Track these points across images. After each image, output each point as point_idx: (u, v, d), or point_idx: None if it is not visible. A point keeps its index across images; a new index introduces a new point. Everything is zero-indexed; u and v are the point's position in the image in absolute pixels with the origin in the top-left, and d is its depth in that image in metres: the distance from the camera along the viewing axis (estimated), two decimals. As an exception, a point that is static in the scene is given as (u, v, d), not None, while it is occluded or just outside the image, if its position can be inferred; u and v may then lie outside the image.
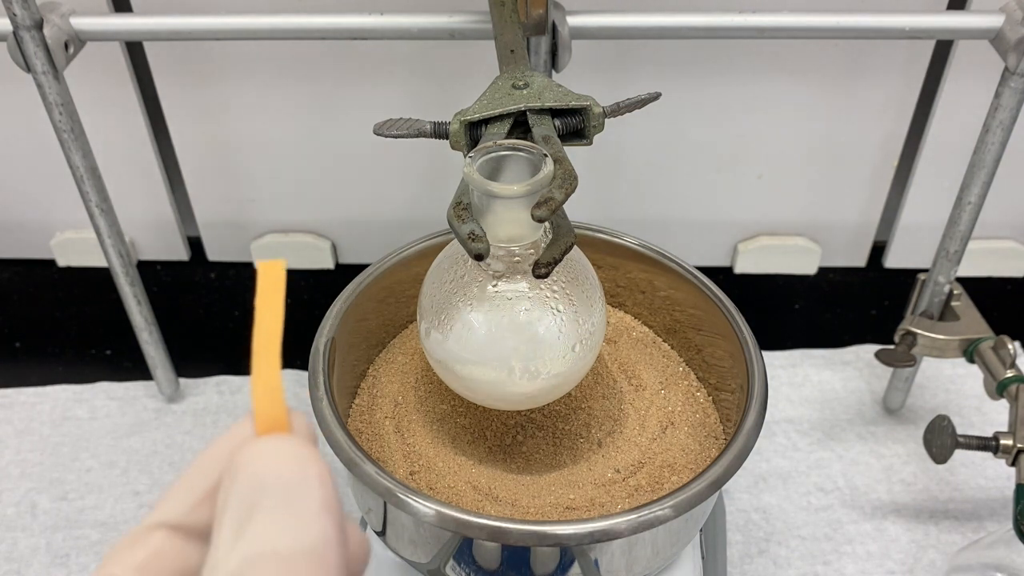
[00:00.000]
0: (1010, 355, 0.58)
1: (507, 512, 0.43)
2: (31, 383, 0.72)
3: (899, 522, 0.63)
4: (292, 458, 0.21)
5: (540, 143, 0.40)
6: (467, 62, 0.68)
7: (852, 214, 0.79)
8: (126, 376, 0.73)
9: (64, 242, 0.82)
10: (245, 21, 0.55)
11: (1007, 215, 0.79)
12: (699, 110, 0.72)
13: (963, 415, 0.70)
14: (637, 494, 0.44)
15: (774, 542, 0.61)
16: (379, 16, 0.54)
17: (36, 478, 0.65)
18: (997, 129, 0.54)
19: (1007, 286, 0.82)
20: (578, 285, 0.42)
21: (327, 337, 0.46)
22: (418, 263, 0.50)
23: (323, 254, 0.82)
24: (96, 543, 0.61)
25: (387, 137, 0.43)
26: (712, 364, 0.50)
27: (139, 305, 0.64)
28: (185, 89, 0.72)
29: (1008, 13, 0.52)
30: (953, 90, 0.70)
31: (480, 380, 0.42)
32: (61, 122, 0.55)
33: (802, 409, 0.71)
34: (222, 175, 0.77)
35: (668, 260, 0.52)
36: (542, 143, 0.40)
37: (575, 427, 0.47)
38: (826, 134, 0.74)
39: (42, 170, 0.77)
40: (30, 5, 0.51)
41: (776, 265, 0.82)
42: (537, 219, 0.36)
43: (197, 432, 0.68)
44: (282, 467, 0.21)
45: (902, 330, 0.62)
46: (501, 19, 0.48)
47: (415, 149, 0.71)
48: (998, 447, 0.54)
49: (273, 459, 0.21)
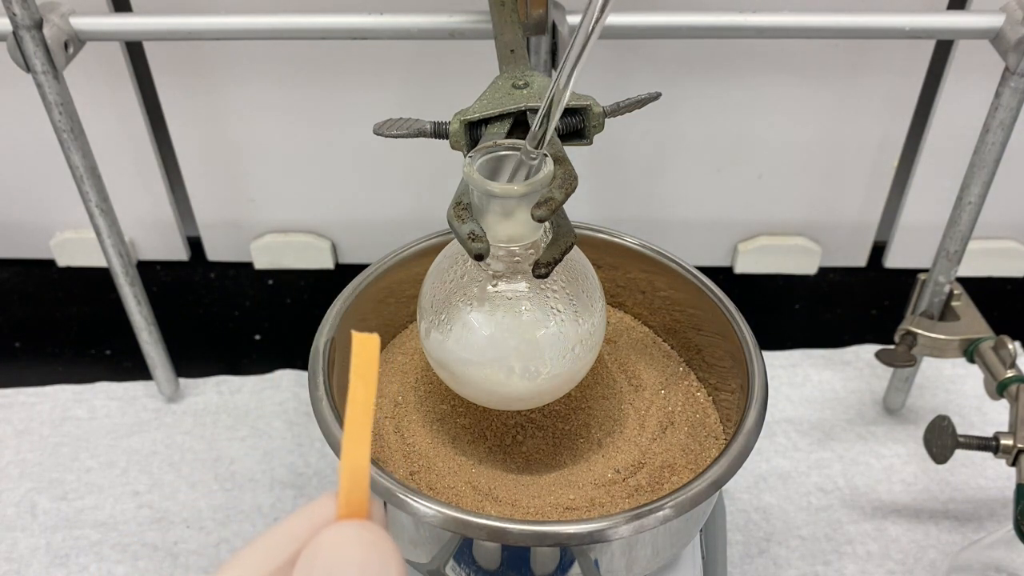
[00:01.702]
0: (1010, 355, 0.58)
1: (507, 512, 0.43)
2: (31, 383, 0.72)
3: (899, 522, 0.63)
4: (375, 550, 0.22)
5: (540, 143, 0.40)
6: (467, 62, 0.68)
7: (852, 214, 0.79)
8: (126, 376, 0.73)
9: (64, 242, 0.82)
10: (245, 21, 0.55)
11: (1007, 215, 0.79)
12: (699, 110, 0.72)
13: (963, 415, 0.70)
14: (637, 494, 0.44)
15: (774, 542, 0.61)
16: (379, 16, 0.54)
17: (36, 478, 0.65)
18: (997, 129, 0.54)
19: (1007, 286, 0.82)
20: (578, 285, 0.42)
21: (327, 337, 0.46)
22: (418, 263, 0.50)
23: (323, 254, 0.82)
24: (96, 543, 0.61)
25: (387, 137, 0.43)
26: (712, 364, 0.50)
27: (139, 305, 0.64)
28: (185, 89, 0.72)
29: (1008, 13, 0.52)
30: (953, 90, 0.70)
31: (480, 380, 0.42)
32: (61, 122, 0.55)
33: (802, 409, 0.71)
34: (222, 175, 0.77)
35: (668, 260, 0.51)
36: (542, 143, 0.40)
37: (575, 427, 0.47)
38: (826, 134, 0.74)
39: (42, 170, 0.77)
40: (30, 5, 0.51)
41: (776, 265, 0.82)
42: (537, 219, 0.36)
43: (197, 432, 0.68)
44: (366, 558, 0.21)
45: (902, 330, 0.62)
46: (501, 19, 0.48)
47: (415, 149, 0.71)
48: (998, 447, 0.54)
49: (357, 548, 0.22)
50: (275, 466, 0.66)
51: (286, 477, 0.65)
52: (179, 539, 0.62)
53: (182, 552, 0.61)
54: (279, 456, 0.67)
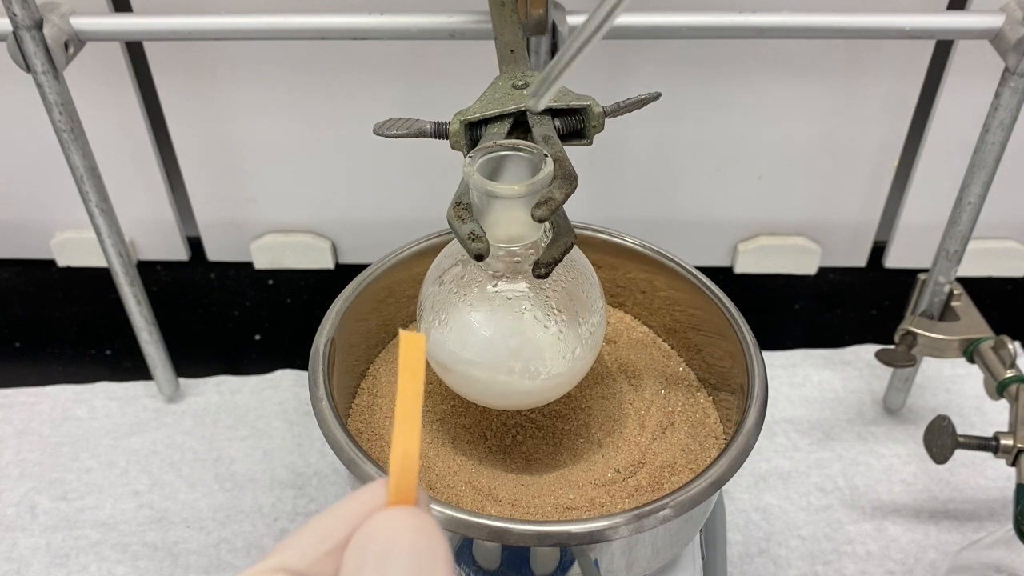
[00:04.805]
0: (1010, 355, 0.58)
1: (507, 512, 0.43)
2: (31, 383, 0.72)
3: (899, 522, 0.63)
4: (425, 535, 0.22)
5: (540, 143, 0.40)
6: (467, 62, 0.68)
7: (852, 214, 0.79)
8: (126, 376, 0.73)
9: (64, 242, 0.82)
10: (245, 21, 0.55)
11: (1007, 215, 0.79)
12: (699, 110, 0.72)
13: (963, 415, 0.70)
14: (637, 494, 0.44)
15: (774, 542, 0.61)
16: (379, 16, 0.54)
17: (36, 478, 0.65)
18: (997, 129, 0.54)
19: (1007, 286, 0.82)
20: (578, 285, 0.42)
21: (327, 337, 0.46)
22: (418, 263, 0.50)
23: (323, 254, 0.82)
24: (96, 543, 0.61)
25: (387, 137, 0.43)
26: (712, 364, 0.50)
27: (139, 305, 0.64)
28: (185, 89, 0.72)
29: (1008, 13, 0.52)
30: (953, 90, 0.70)
31: (480, 380, 0.42)
32: (61, 122, 0.55)
33: (802, 409, 0.71)
34: (222, 175, 0.77)
35: (668, 260, 0.51)
36: (542, 143, 0.40)
37: (575, 427, 0.47)
38: (826, 134, 0.74)
39: (42, 170, 0.77)
40: (30, 5, 0.51)
41: (776, 265, 0.82)
42: (537, 219, 0.36)
43: (197, 432, 0.68)
44: (417, 543, 0.22)
45: (902, 330, 0.62)
46: (501, 19, 0.48)
47: (415, 149, 0.71)
48: (998, 447, 0.54)
49: (409, 533, 0.22)
50: (275, 466, 0.66)
51: (286, 477, 0.65)
52: (179, 539, 0.61)
53: (182, 552, 0.61)
54: (279, 456, 0.67)
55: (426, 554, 0.22)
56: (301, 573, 0.23)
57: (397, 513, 0.23)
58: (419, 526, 0.23)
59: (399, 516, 0.23)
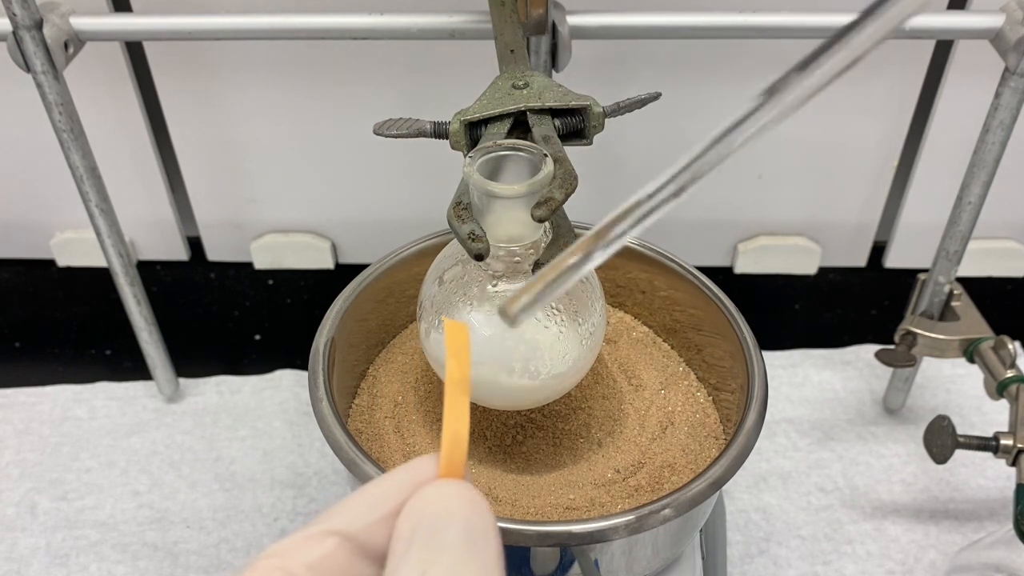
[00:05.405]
0: (1010, 355, 0.58)
1: (507, 512, 0.43)
2: (31, 383, 0.72)
3: (899, 522, 0.63)
4: (476, 508, 0.23)
5: (540, 143, 0.40)
6: (467, 62, 0.68)
7: (852, 214, 0.79)
8: (126, 376, 0.73)
9: (64, 242, 0.82)
10: (245, 21, 0.55)
11: (1007, 215, 0.79)
12: (699, 110, 0.72)
13: (963, 415, 0.70)
14: (637, 494, 0.44)
15: (774, 542, 0.61)
16: (379, 16, 0.54)
17: (36, 478, 0.65)
18: (997, 129, 0.54)
19: (1007, 286, 0.82)
20: (578, 285, 0.42)
21: (327, 337, 0.46)
22: (418, 263, 0.50)
23: (323, 254, 0.82)
24: (96, 543, 0.61)
25: (387, 137, 0.43)
26: (712, 364, 0.50)
27: (139, 305, 0.64)
28: (185, 89, 0.72)
29: (1008, 13, 0.52)
30: (953, 90, 0.70)
31: (480, 380, 0.42)
32: (61, 122, 0.55)
33: (802, 409, 0.70)
34: (222, 175, 0.77)
35: (668, 260, 0.51)
36: (542, 143, 0.40)
37: (575, 427, 0.47)
38: (826, 134, 0.74)
39: (42, 170, 0.77)
40: (30, 5, 0.51)
41: (776, 265, 0.82)
42: (537, 219, 0.36)
43: (197, 432, 0.68)
44: (470, 514, 0.23)
45: (902, 330, 0.62)
46: (501, 19, 0.48)
47: (415, 149, 0.71)
48: (998, 447, 0.54)
49: (461, 504, 0.23)
50: (275, 466, 0.66)
51: (286, 477, 0.65)
52: (179, 539, 0.61)
53: (182, 552, 0.61)
54: (279, 456, 0.67)
55: (479, 525, 0.22)
56: (353, 536, 0.23)
57: (451, 484, 0.23)
58: (472, 498, 0.23)
59: (453, 487, 0.23)
